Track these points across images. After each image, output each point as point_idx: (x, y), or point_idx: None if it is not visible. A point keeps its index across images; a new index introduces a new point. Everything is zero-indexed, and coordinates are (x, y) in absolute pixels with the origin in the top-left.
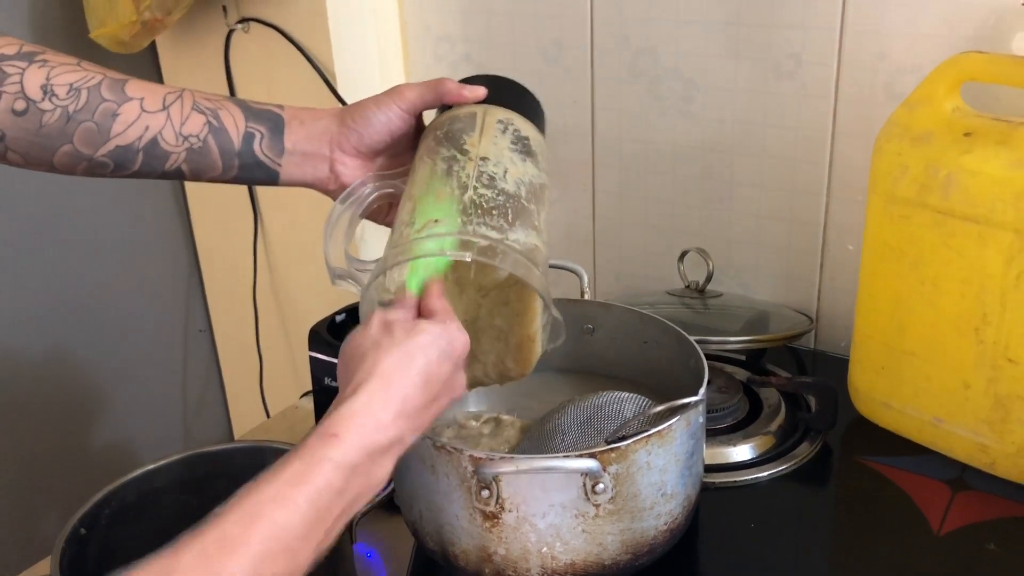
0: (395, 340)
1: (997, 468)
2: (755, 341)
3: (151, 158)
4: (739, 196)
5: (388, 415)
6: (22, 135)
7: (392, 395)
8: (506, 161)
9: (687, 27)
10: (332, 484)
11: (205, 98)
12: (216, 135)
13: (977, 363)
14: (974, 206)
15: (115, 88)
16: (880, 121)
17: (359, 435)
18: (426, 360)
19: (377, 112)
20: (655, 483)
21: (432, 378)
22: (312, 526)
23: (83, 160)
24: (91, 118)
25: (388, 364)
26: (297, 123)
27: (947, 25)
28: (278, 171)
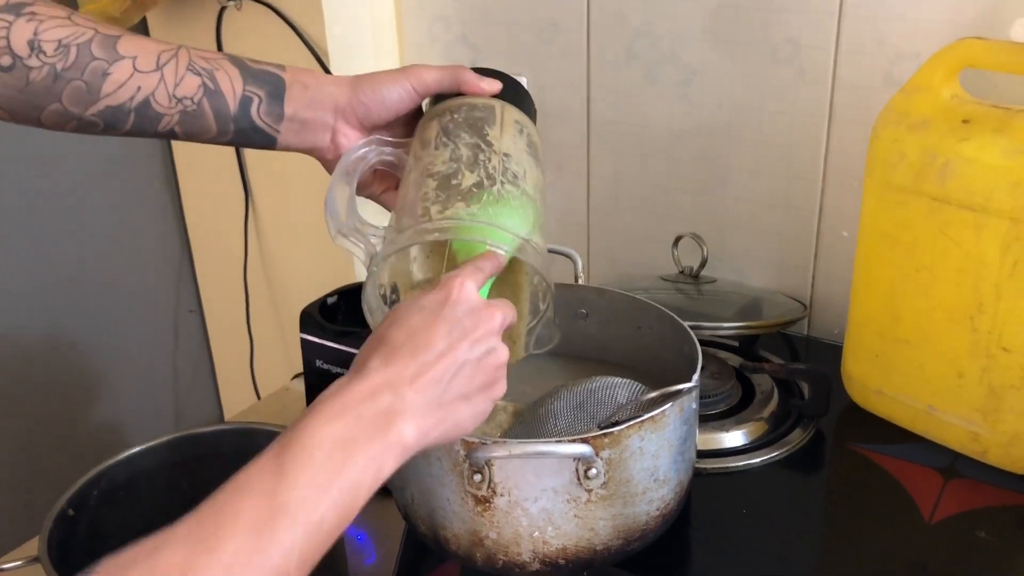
0: None
1: (989, 457)
2: (748, 327)
3: (143, 119)
4: (734, 182)
5: (363, 385)
6: (7, 92)
7: (354, 364)
8: (524, 163)
9: (685, 10)
10: (321, 442)
11: (202, 57)
12: (211, 98)
13: (971, 352)
14: (971, 194)
15: (106, 45)
16: (878, 107)
17: (329, 400)
18: (389, 318)
19: (392, 89)
20: (648, 468)
21: (392, 326)
22: (309, 487)
23: (72, 119)
24: (80, 77)
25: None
26: (300, 87)
27: (946, 11)
28: (276, 137)
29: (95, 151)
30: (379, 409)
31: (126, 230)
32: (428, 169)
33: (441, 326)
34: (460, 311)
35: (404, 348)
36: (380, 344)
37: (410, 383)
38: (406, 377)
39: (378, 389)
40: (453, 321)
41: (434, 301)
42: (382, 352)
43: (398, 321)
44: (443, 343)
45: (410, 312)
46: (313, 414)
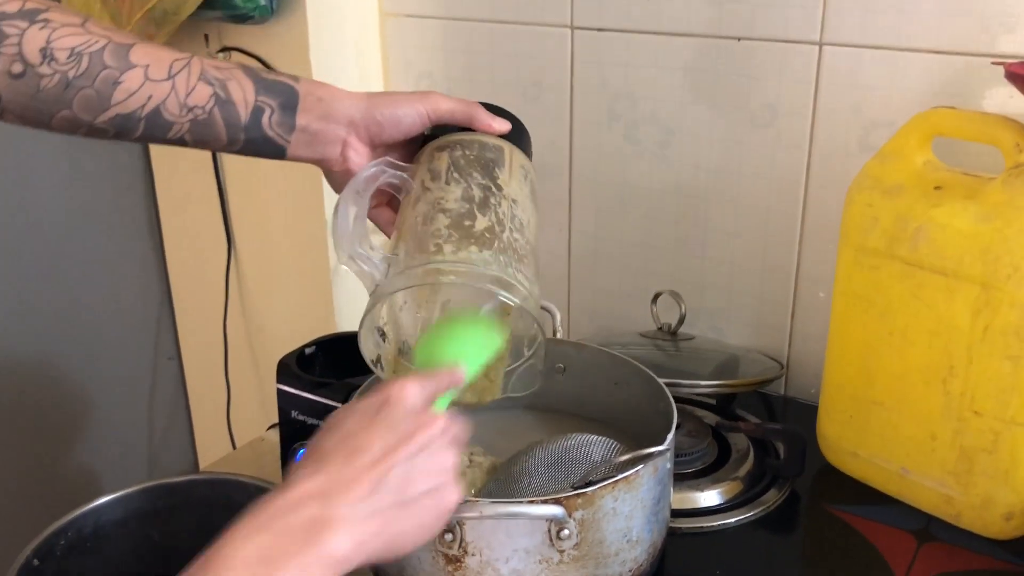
0: None
1: (963, 520)
2: (725, 386)
3: (153, 127)
4: (713, 241)
5: (290, 494)
6: (18, 98)
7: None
8: (528, 211)
9: (665, 74)
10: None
11: (214, 67)
12: (222, 107)
13: (943, 414)
14: (942, 259)
15: (119, 54)
16: (853, 172)
17: (254, 514)
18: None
19: (408, 111)
20: (621, 529)
21: (326, 436)
22: None
23: (82, 125)
24: (91, 85)
25: None
26: (314, 99)
27: (920, 80)
28: (285, 147)
29: (78, 196)
30: (304, 520)
31: (107, 275)
32: (439, 204)
33: (376, 428)
34: (398, 414)
35: (336, 453)
36: (312, 452)
37: (341, 490)
38: (337, 484)
39: (304, 499)
40: (390, 424)
41: (370, 404)
42: (312, 460)
43: (332, 427)
44: (378, 446)
45: (345, 416)
46: (234, 531)
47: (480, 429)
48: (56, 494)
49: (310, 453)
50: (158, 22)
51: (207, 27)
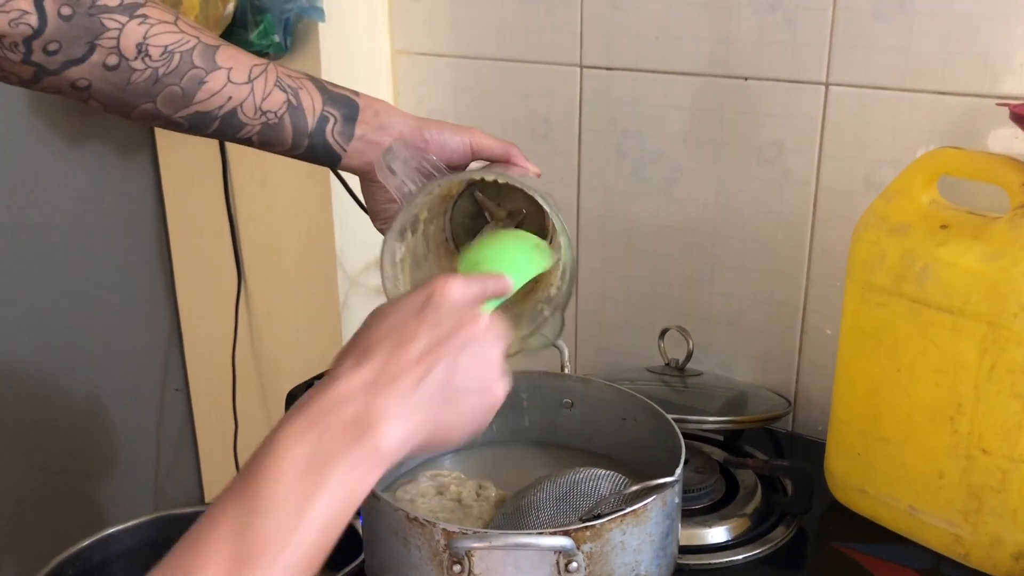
0: None
1: (971, 560)
2: (733, 422)
3: (227, 126)
4: (720, 278)
5: (335, 389)
6: (108, 88)
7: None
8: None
9: (672, 112)
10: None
11: (288, 75)
12: (293, 114)
13: (951, 453)
14: (949, 297)
15: (207, 55)
16: (860, 210)
17: (300, 410)
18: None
19: (454, 137)
20: (629, 563)
21: (369, 328)
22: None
23: (161, 118)
24: (178, 83)
25: None
26: (372, 113)
27: (926, 120)
28: (341, 156)
29: (88, 220)
30: (350, 416)
31: (116, 305)
32: None
33: (421, 324)
34: (443, 309)
35: (379, 348)
36: (354, 347)
37: (386, 384)
38: (382, 377)
39: (349, 394)
40: (435, 319)
41: (415, 300)
42: (355, 354)
43: (375, 322)
44: (423, 340)
45: (388, 312)
46: (281, 433)
47: (488, 463)
48: (62, 524)
49: (352, 346)
50: None
51: None
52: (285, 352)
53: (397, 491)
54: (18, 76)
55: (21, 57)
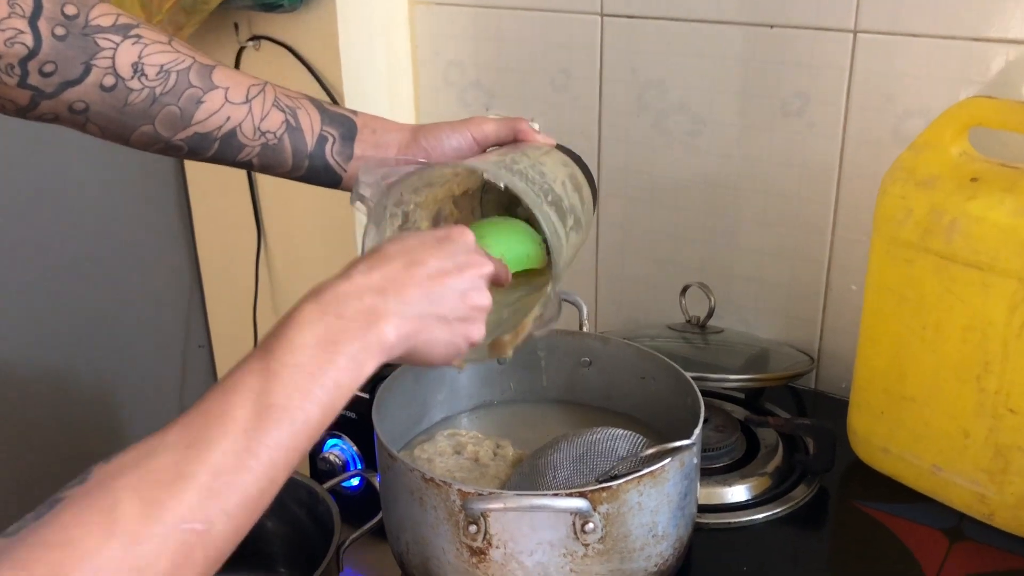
0: None
1: (996, 519)
2: (754, 380)
3: (226, 148)
4: (743, 232)
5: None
6: (106, 110)
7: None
8: (559, 180)
9: (695, 62)
10: (306, 341)
11: (285, 95)
12: (292, 134)
13: (977, 412)
14: (978, 253)
15: (203, 74)
16: (887, 162)
17: (315, 297)
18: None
19: (451, 137)
20: (646, 524)
21: (387, 247)
22: (296, 384)
23: (160, 141)
24: (176, 102)
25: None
26: (369, 131)
27: (957, 69)
28: (342, 176)
29: (109, 183)
30: (363, 308)
31: (137, 265)
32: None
33: (437, 252)
34: (458, 248)
35: (396, 259)
36: (372, 253)
37: (396, 289)
38: (393, 283)
39: (363, 289)
40: (448, 252)
41: (434, 234)
42: (372, 259)
43: (396, 240)
44: (434, 265)
45: (409, 236)
46: (296, 316)
47: (506, 421)
48: None
49: (369, 256)
50: (188, 11)
51: (237, 16)
52: None
53: (415, 449)
54: (14, 103)
55: (17, 80)
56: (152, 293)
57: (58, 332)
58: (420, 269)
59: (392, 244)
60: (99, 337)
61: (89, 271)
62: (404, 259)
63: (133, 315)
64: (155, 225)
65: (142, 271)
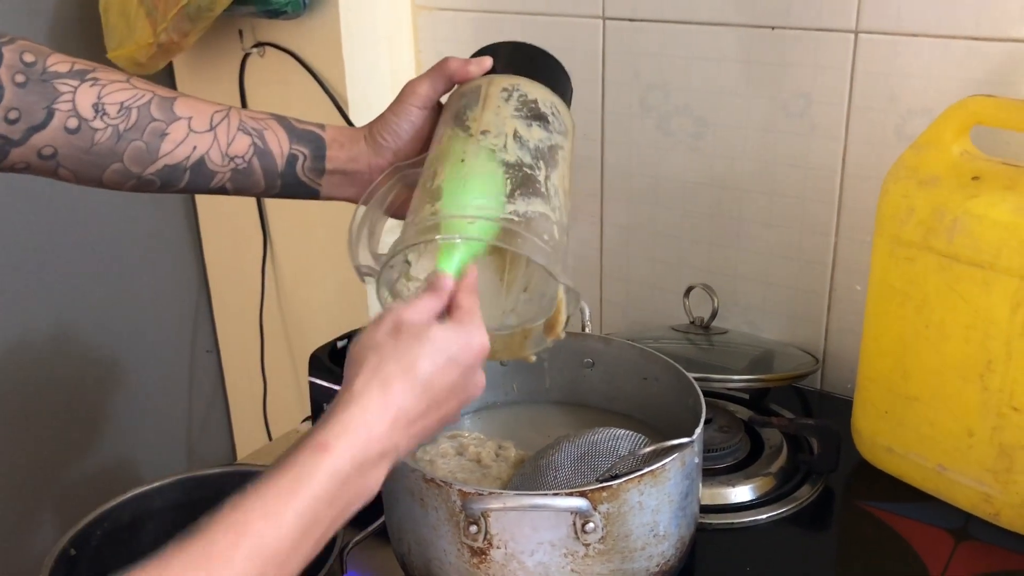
0: (399, 344)
1: (1001, 519)
2: (758, 380)
3: (197, 176)
4: (747, 234)
5: (383, 426)
6: (74, 152)
7: (389, 404)
8: (508, 130)
9: (697, 64)
10: (321, 497)
11: (251, 117)
12: (261, 157)
13: (981, 411)
14: (980, 251)
15: (164, 107)
16: (890, 162)
17: (350, 446)
18: (432, 367)
19: (401, 122)
20: (647, 523)
21: (435, 385)
22: (299, 539)
23: (132, 178)
24: (140, 137)
25: (388, 371)
26: (338, 146)
27: (959, 68)
28: (318, 189)
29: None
30: (384, 466)
31: (145, 271)
32: (422, 180)
33: (459, 394)
34: (476, 378)
35: (426, 415)
36: (424, 393)
37: (415, 440)
38: (414, 436)
39: (394, 449)
40: (468, 390)
41: (461, 358)
42: (413, 389)
43: (437, 361)
44: (454, 408)
45: (449, 366)
46: (329, 451)
47: (509, 422)
48: (97, 485)
49: (423, 391)
50: (193, 18)
51: (241, 23)
52: (312, 312)
53: (417, 451)
54: None
55: None
56: (160, 299)
57: (66, 337)
58: (442, 417)
59: (438, 373)
60: (107, 343)
61: (97, 277)
62: (432, 413)
63: (141, 321)
64: (162, 231)
65: (150, 277)
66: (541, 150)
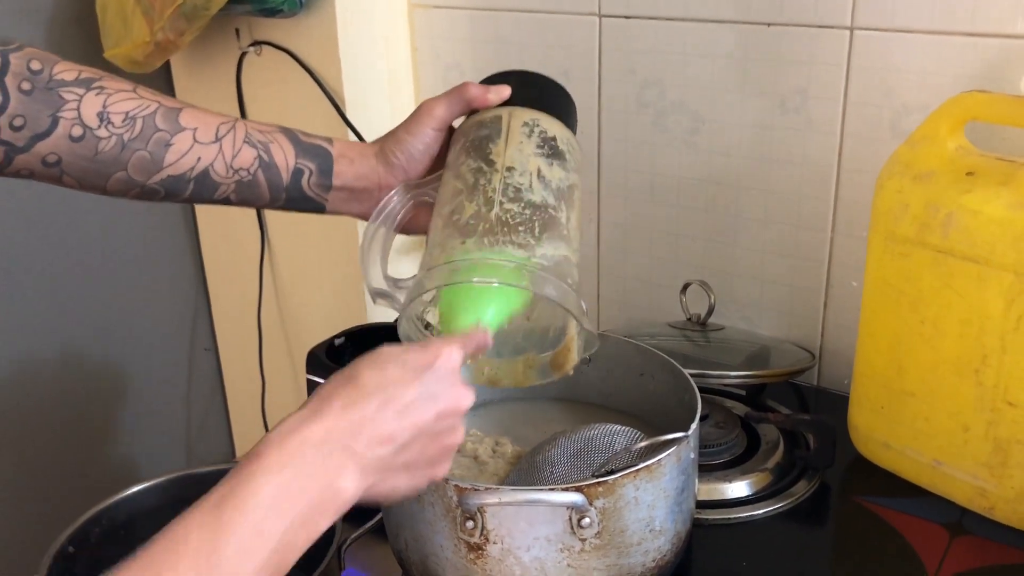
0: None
1: (996, 513)
2: (755, 376)
3: (201, 188)
4: (743, 230)
5: (319, 427)
6: (78, 161)
7: (325, 403)
8: (532, 168)
9: (693, 61)
10: (261, 500)
11: (257, 129)
12: (266, 170)
13: (976, 406)
14: (974, 246)
15: (169, 117)
16: (886, 158)
17: (280, 443)
18: (375, 366)
19: (415, 141)
20: (643, 519)
21: (389, 384)
22: (245, 546)
23: (136, 186)
24: (145, 147)
25: (330, 388)
26: (346, 161)
27: (954, 63)
28: (324, 204)
29: None
30: (327, 459)
31: (144, 268)
32: (439, 208)
33: (416, 388)
34: (440, 381)
35: (372, 397)
36: (348, 383)
37: (367, 437)
38: (365, 429)
39: (331, 436)
40: (431, 391)
41: (418, 360)
42: (348, 393)
43: (376, 364)
44: (413, 408)
45: (390, 361)
46: (261, 459)
47: (506, 418)
48: (96, 483)
49: (345, 382)
50: (189, 17)
51: (237, 21)
52: (309, 310)
53: None
54: None
55: None
56: (158, 298)
57: (64, 337)
58: (396, 412)
59: (372, 372)
60: (105, 342)
61: (95, 277)
62: (380, 397)
63: (139, 320)
64: (160, 230)
65: (148, 276)
66: (562, 190)
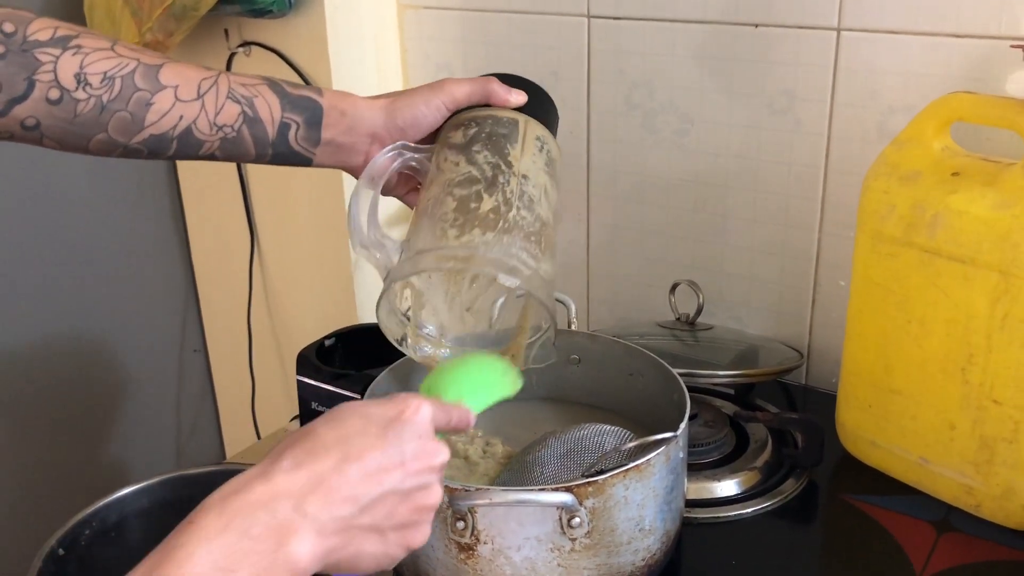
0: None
1: (983, 510)
2: (744, 375)
3: (185, 145)
4: (732, 230)
5: (265, 487)
6: (57, 123)
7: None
8: (541, 184)
9: (682, 62)
10: (195, 570)
11: (241, 84)
12: (251, 125)
13: (962, 404)
14: (960, 246)
15: (149, 75)
16: (872, 159)
17: (220, 505)
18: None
19: (428, 112)
20: (632, 518)
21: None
22: None
23: (118, 146)
24: (125, 108)
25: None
26: (338, 114)
27: (940, 65)
28: (311, 158)
29: (102, 188)
30: (273, 524)
31: (132, 270)
32: (448, 187)
33: (380, 442)
34: (407, 434)
35: (328, 454)
36: (303, 438)
37: (322, 496)
38: (320, 487)
39: (279, 496)
40: (395, 441)
41: (383, 412)
42: (302, 448)
43: (334, 418)
44: (375, 461)
45: (351, 414)
46: (195, 525)
47: (496, 419)
48: (86, 485)
49: (301, 439)
50: (178, 17)
51: (227, 22)
52: (299, 311)
53: None
54: None
55: None
56: (147, 298)
57: (53, 338)
58: (355, 467)
59: (330, 427)
60: (95, 343)
61: (83, 277)
62: (338, 452)
63: (129, 322)
64: (149, 230)
65: (136, 276)
66: (557, 212)
